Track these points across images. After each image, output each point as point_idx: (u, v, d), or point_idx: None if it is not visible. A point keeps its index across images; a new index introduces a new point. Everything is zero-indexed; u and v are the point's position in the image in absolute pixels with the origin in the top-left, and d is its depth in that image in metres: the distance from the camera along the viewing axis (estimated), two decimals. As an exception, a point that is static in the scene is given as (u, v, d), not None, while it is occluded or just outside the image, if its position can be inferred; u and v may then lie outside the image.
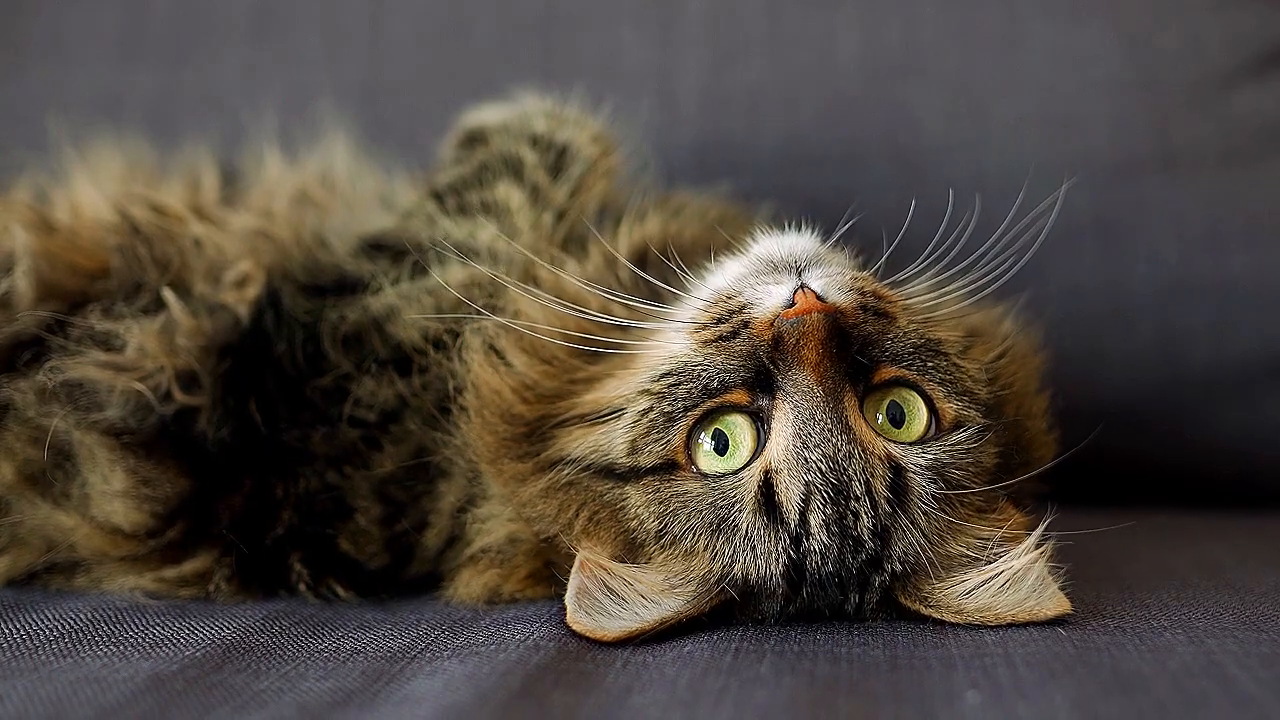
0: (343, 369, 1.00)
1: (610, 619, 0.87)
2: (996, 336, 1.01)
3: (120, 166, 1.21)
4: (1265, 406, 1.41)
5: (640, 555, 0.90)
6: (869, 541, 0.86)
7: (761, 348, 0.88)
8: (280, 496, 1.00)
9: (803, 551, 0.86)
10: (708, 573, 0.87)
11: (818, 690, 0.77)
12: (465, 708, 0.75)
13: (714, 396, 0.88)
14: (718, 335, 0.90)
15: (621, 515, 0.90)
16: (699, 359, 0.89)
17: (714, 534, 0.87)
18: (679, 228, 1.08)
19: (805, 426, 0.86)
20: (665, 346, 0.92)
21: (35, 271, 1.04)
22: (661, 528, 0.88)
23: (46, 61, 1.55)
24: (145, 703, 0.77)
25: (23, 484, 1.02)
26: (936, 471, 0.87)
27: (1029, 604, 0.87)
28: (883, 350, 0.89)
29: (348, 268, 1.04)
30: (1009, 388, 0.96)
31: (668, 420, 0.89)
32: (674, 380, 0.89)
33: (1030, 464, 0.95)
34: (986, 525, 0.89)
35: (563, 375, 0.96)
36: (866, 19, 1.46)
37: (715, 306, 0.91)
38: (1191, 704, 0.73)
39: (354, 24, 1.53)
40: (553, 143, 1.11)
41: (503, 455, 0.94)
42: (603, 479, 0.91)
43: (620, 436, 0.90)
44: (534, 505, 0.93)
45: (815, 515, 0.85)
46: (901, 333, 0.90)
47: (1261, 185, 1.41)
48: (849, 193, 1.41)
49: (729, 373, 0.88)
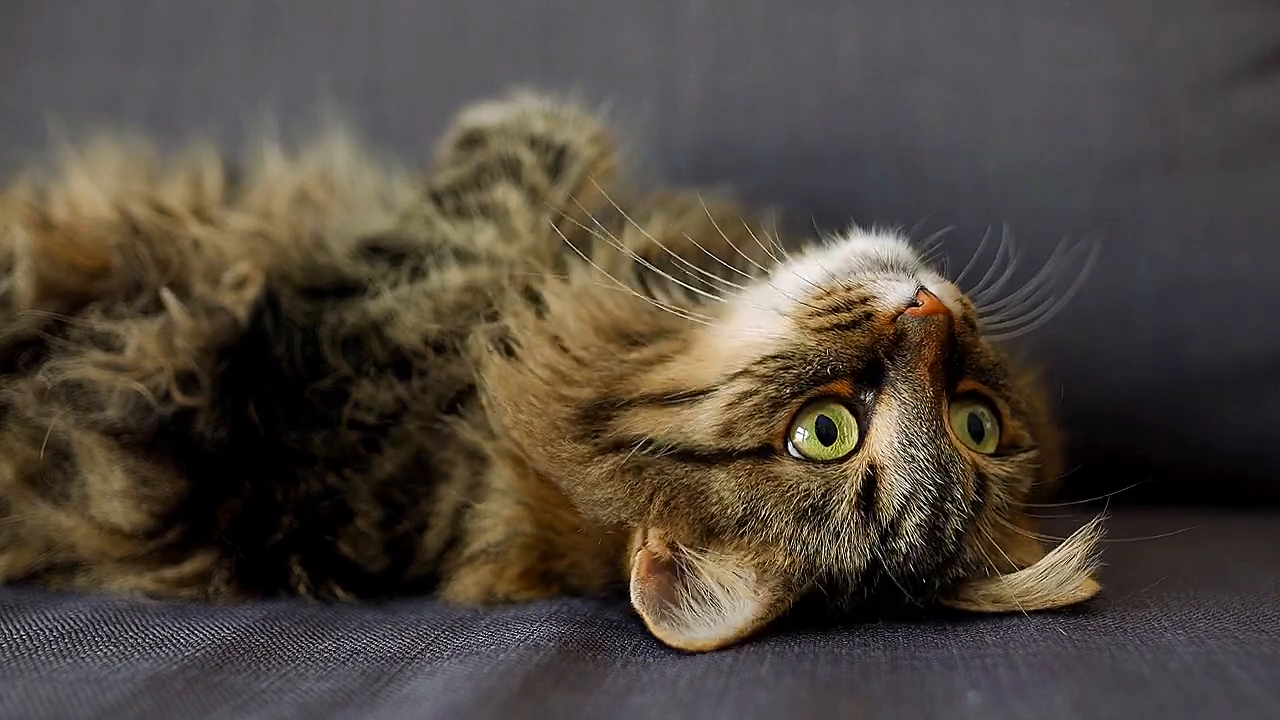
0: (342, 372, 1.00)
1: (702, 627, 0.86)
2: (1017, 366, 1.03)
3: (120, 164, 1.21)
4: (1265, 406, 1.41)
5: (714, 544, 0.89)
6: (950, 546, 0.87)
7: (881, 341, 0.88)
8: (280, 500, 1.00)
9: (889, 549, 0.86)
10: (791, 564, 0.86)
11: (818, 691, 0.77)
12: (465, 708, 0.75)
13: (822, 384, 0.88)
14: (835, 323, 0.89)
15: (702, 500, 0.88)
16: (812, 344, 0.89)
17: (802, 522, 0.86)
18: (682, 228, 1.08)
19: (912, 425, 0.87)
20: (758, 328, 0.92)
21: (35, 271, 1.04)
22: (747, 513, 0.87)
23: (46, 61, 1.55)
24: (145, 703, 0.77)
25: (22, 484, 1.02)
26: (1009, 485, 0.89)
27: (1067, 588, 0.89)
28: (971, 362, 0.91)
29: (346, 270, 1.04)
30: (1037, 417, 0.99)
31: (774, 404, 0.88)
32: (782, 364, 0.89)
33: (1045, 488, 0.97)
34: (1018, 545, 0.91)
35: (611, 357, 0.95)
36: (867, 18, 1.46)
37: (831, 295, 0.91)
38: (1192, 704, 0.73)
39: (354, 23, 1.53)
40: (551, 143, 1.10)
41: (559, 436, 0.92)
42: (682, 461, 0.89)
43: (709, 419, 0.88)
44: (601, 488, 0.90)
45: (913, 516, 0.86)
46: (985, 349, 0.93)
47: (1262, 185, 1.41)
48: (849, 193, 1.42)
49: (843, 362, 0.88)
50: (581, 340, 0.96)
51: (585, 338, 0.96)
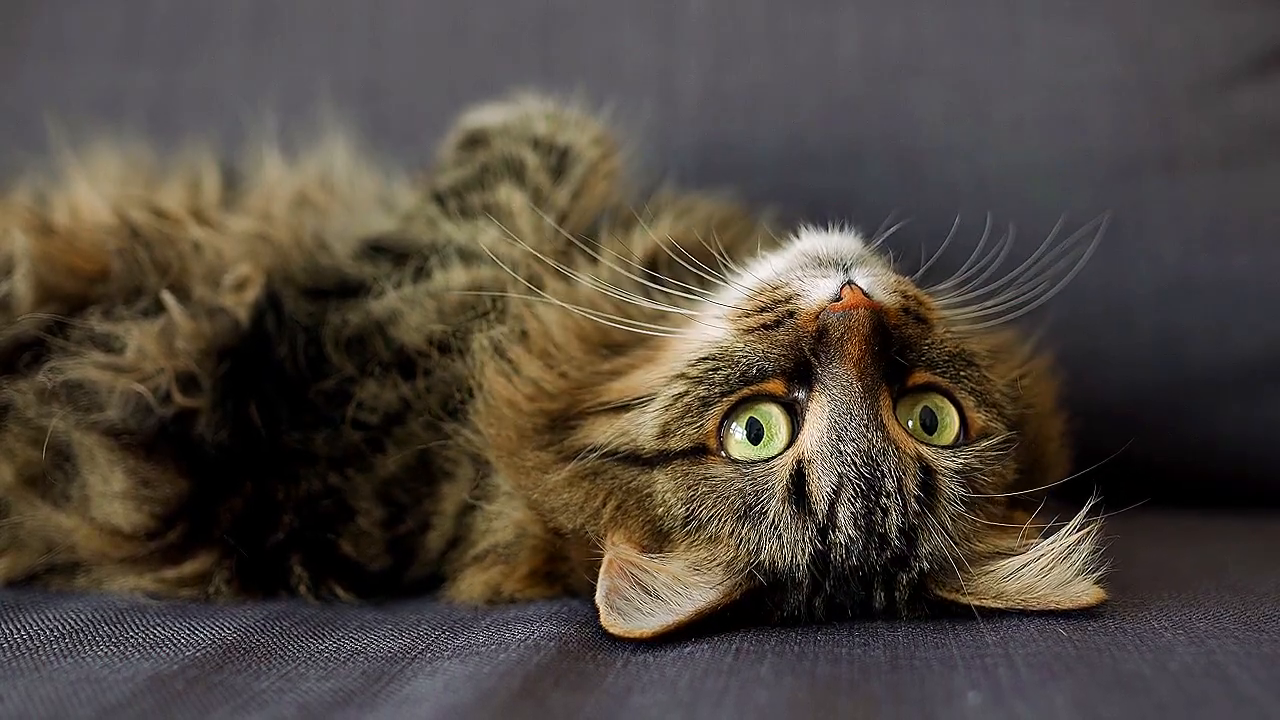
0: (345, 372, 1.00)
1: (645, 616, 0.87)
2: (1017, 357, 1.03)
3: (119, 168, 1.21)
4: (1265, 406, 1.41)
5: (667, 545, 0.90)
6: (895, 539, 0.86)
7: (805, 339, 0.88)
8: (281, 499, 1.00)
9: (829, 543, 0.86)
10: (734, 558, 0.87)
11: (818, 691, 0.77)
12: (466, 708, 0.75)
13: (751, 384, 0.89)
14: (761, 323, 0.90)
15: (648, 502, 0.90)
16: (739, 345, 0.90)
17: (741, 520, 0.87)
18: (686, 228, 1.08)
19: (841, 420, 0.87)
20: (703, 333, 0.93)
21: (35, 275, 1.04)
22: (689, 513, 0.88)
23: (46, 61, 1.55)
24: (145, 703, 0.77)
25: (23, 485, 1.02)
26: (965, 476, 0.88)
27: (1072, 590, 0.88)
28: (919, 355, 0.90)
29: (349, 270, 1.04)
30: (1030, 407, 0.98)
31: (703, 404, 0.89)
32: (712, 365, 0.90)
33: (1046, 481, 0.96)
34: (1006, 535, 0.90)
35: (585, 368, 0.96)
36: (867, 18, 1.46)
37: (760, 295, 0.92)
38: (1192, 704, 0.73)
39: (354, 23, 1.53)
40: (554, 145, 1.10)
41: (524, 446, 0.94)
42: (629, 465, 0.91)
43: (650, 421, 0.90)
44: (559, 494, 0.92)
45: (845, 508, 0.86)
46: (938, 340, 0.92)
47: (1262, 185, 1.41)
48: (849, 192, 1.42)
49: (769, 361, 0.89)
50: (566, 352, 0.97)
51: (569, 349, 0.97)
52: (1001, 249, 0.96)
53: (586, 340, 0.98)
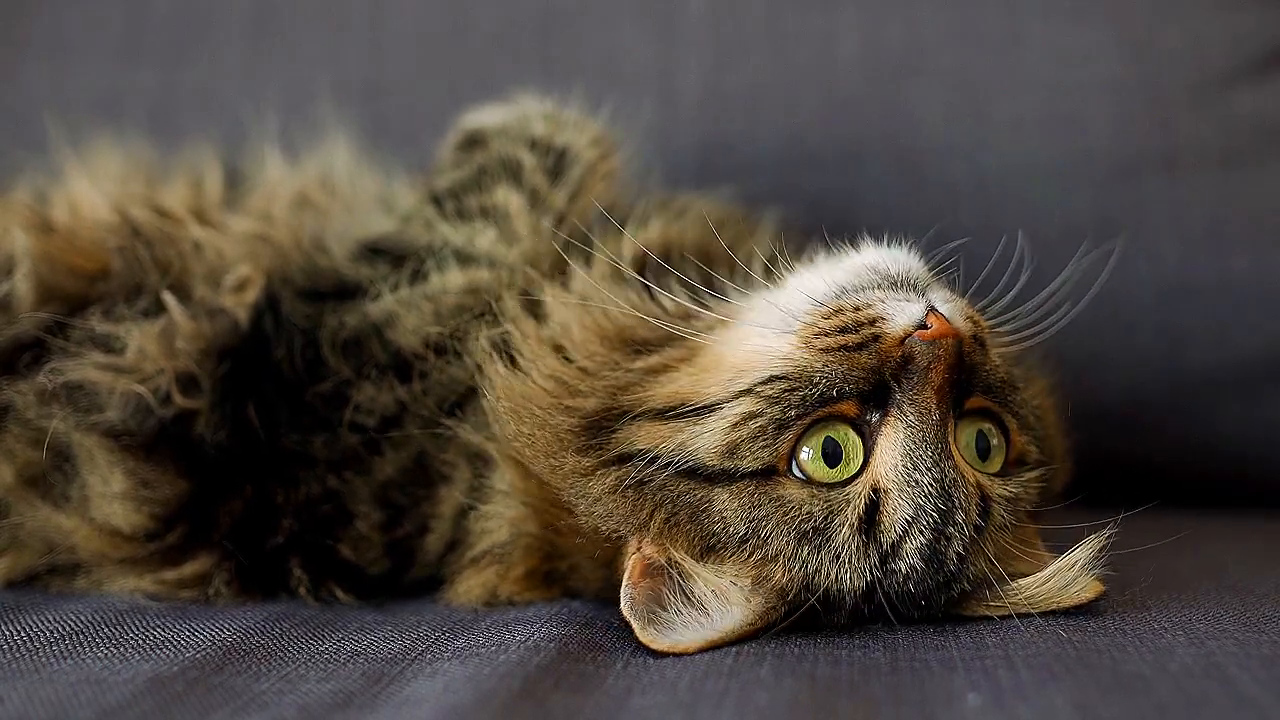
0: (343, 374, 1.00)
1: (688, 630, 0.86)
2: (1034, 378, 1.03)
3: (120, 167, 1.21)
4: (1265, 406, 1.41)
5: (713, 558, 0.88)
6: (953, 567, 0.87)
7: (889, 364, 0.87)
8: (280, 502, 1.00)
9: (889, 571, 0.86)
10: (789, 581, 0.86)
11: (818, 693, 0.77)
12: (466, 709, 0.75)
13: (827, 405, 0.87)
14: (842, 344, 0.88)
15: (704, 517, 0.88)
16: (818, 365, 0.88)
17: (802, 542, 0.86)
18: (681, 230, 1.08)
19: (917, 449, 0.86)
20: (762, 344, 0.91)
21: (35, 274, 1.04)
22: (748, 532, 0.87)
23: (46, 61, 1.55)
24: (145, 704, 0.77)
25: (22, 486, 1.02)
26: (1013, 504, 0.89)
27: (1072, 590, 0.89)
28: (979, 379, 0.90)
29: (346, 273, 1.04)
30: (1043, 424, 0.98)
31: (779, 426, 0.87)
32: (787, 386, 0.88)
33: (1053, 491, 0.97)
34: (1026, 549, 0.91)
35: (615, 366, 0.94)
36: (866, 18, 1.46)
37: (839, 314, 0.90)
38: (1192, 705, 0.73)
39: (354, 23, 1.53)
40: (552, 146, 1.10)
41: (562, 449, 0.91)
42: (685, 479, 0.88)
43: (713, 436, 0.88)
44: (603, 502, 0.90)
45: (914, 539, 0.86)
46: (993, 365, 0.91)
47: (1262, 185, 1.41)
48: (849, 193, 1.42)
49: (850, 384, 0.87)
50: (586, 349, 0.96)
51: (590, 346, 0.96)
52: (1023, 264, 0.96)
53: (608, 338, 0.96)
